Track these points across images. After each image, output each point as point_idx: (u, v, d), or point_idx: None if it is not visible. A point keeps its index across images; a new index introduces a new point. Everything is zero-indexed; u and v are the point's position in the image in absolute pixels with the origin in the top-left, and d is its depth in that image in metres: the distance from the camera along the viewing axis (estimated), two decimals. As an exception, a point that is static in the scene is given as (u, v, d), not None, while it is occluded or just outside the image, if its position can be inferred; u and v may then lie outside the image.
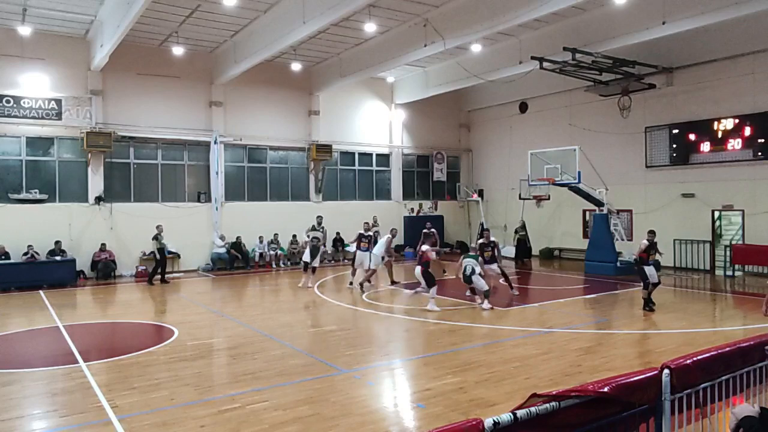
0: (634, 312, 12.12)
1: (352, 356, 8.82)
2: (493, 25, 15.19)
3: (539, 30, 18.17)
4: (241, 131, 21.36)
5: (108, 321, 12.49)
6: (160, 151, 20.30)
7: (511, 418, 2.75)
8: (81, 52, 18.46)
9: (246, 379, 7.64)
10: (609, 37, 16.40)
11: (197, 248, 20.50)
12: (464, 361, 8.47)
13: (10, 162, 17.84)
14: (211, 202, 20.80)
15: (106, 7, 15.80)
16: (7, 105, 17.37)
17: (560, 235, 23.14)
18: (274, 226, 21.59)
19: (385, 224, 24.69)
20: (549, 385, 7.03)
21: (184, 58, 19.31)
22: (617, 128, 20.30)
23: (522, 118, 24.85)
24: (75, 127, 18.34)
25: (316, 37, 18.68)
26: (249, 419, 6.20)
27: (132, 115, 19.33)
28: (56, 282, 16.74)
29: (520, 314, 12.23)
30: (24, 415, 6.66)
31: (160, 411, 6.48)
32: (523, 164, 20.34)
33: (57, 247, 17.51)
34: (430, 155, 26.66)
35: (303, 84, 22.67)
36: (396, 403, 6.94)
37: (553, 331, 10.25)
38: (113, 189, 19.25)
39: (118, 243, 19.00)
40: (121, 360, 8.81)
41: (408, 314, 12.15)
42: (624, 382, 3.25)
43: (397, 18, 17.15)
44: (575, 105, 22.15)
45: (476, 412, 6.20)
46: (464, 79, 21.50)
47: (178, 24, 17.38)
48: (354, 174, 24.74)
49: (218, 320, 11.84)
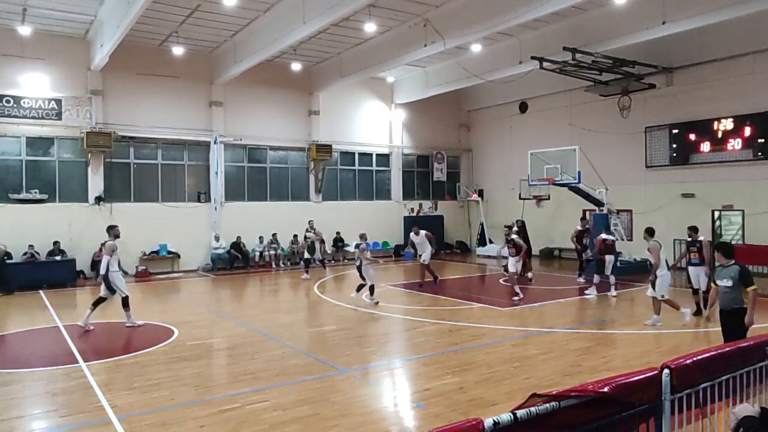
0: (634, 312, 12.13)
1: (352, 356, 8.82)
2: (493, 25, 15.19)
3: (539, 30, 18.17)
4: (241, 131, 21.36)
5: (108, 321, 12.49)
6: (160, 151, 20.30)
7: (511, 418, 2.75)
8: (81, 52, 18.46)
9: (246, 379, 7.64)
10: (609, 37, 16.41)
11: (197, 248, 20.51)
12: (464, 361, 8.47)
13: (10, 162, 17.84)
14: (211, 202, 20.80)
15: (106, 7, 15.80)
16: (7, 105, 17.36)
17: (560, 235, 23.13)
18: (273, 226, 21.58)
19: (385, 225, 24.75)
20: (549, 385, 7.03)
21: (184, 58, 19.30)
22: (617, 128, 20.30)
23: (522, 118, 24.85)
24: (75, 127, 18.34)
25: (316, 37, 18.68)
26: (249, 419, 6.20)
27: (132, 115, 19.32)
28: (56, 282, 16.73)
29: (520, 314, 12.22)
30: (24, 415, 6.66)
31: (159, 411, 6.48)
32: (523, 164, 20.34)
33: (56, 248, 17.51)
34: (430, 155, 26.66)
35: (303, 84, 22.67)
36: (396, 403, 6.94)
37: (553, 331, 10.25)
38: (113, 189, 19.24)
39: (118, 243, 18.91)
40: (121, 360, 8.81)
41: (408, 314, 12.15)
42: (624, 382, 3.25)
43: (397, 18, 17.15)
44: (575, 105, 22.15)
45: (476, 412, 6.20)
46: (464, 79, 21.51)
47: (178, 24, 17.37)
48: (354, 174, 24.73)
49: (218, 320, 11.84)
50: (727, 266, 6.94)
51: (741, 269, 6.80)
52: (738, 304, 6.78)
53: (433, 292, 14.71)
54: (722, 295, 6.95)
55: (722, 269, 6.98)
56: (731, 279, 6.78)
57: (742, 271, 6.78)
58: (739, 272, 6.77)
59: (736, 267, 6.86)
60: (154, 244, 19.66)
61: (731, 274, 6.81)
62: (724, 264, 6.98)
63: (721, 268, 7.01)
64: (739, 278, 6.74)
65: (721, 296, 6.96)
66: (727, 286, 6.84)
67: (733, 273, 6.82)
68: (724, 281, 6.87)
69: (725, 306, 6.94)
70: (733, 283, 6.76)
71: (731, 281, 6.77)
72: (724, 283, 6.86)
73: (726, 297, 6.90)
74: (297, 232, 22.01)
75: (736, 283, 6.74)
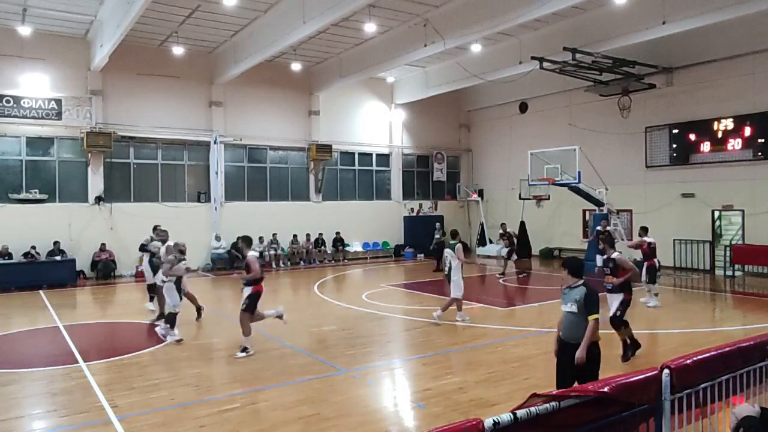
0: (635, 312, 12.11)
1: (353, 356, 8.82)
2: (493, 25, 15.18)
3: (539, 30, 18.17)
4: (241, 131, 21.36)
5: (108, 321, 12.49)
6: (160, 151, 20.30)
7: (511, 418, 2.75)
8: (81, 52, 18.46)
9: (246, 379, 7.64)
10: (609, 37, 16.40)
11: (197, 248, 20.45)
12: (464, 361, 8.47)
13: (10, 162, 17.84)
14: (211, 202, 20.79)
15: (106, 7, 15.80)
16: (7, 105, 17.36)
17: (560, 235, 23.15)
18: (274, 227, 21.58)
19: (385, 225, 24.75)
20: (549, 385, 7.00)
21: (184, 58, 19.30)
22: (617, 128, 20.31)
23: (522, 118, 24.85)
24: (75, 127, 18.33)
25: (316, 37, 18.67)
26: (249, 419, 6.20)
27: (132, 115, 19.32)
28: (56, 282, 16.72)
29: (519, 314, 12.22)
30: (24, 415, 6.66)
31: (160, 411, 6.48)
32: (523, 164, 20.35)
33: (56, 248, 17.52)
34: (430, 155, 26.66)
35: (303, 84, 22.67)
36: (396, 403, 6.94)
37: (553, 331, 10.20)
38: (113, 189, 19.24)
39: (118, 243, 18.99)
40: (120, 360, 8.81)
41: (408, 314, 12.15)
42: (624, 382, 3.25)
43: (397, 18, 17.15)
44: (575, 105, 22.16)
45: (476, 412, 6.20)
46: (464, 79, 21.50)
47: (178, 24, 17.37)
48: (354, 174, 24.73)
49: (218, 320, 11.84)
50: (574, 287, 5.60)
51: (588, 291, 5.47)
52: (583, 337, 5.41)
53: (435, 292, 14.70)
54: (565, 324, 5.59)
55: (568, 291, 5.65)
56: (576, 303, 5.48)
57: (588, 295, 5.44)
58: (585, 295, 5.44)
59: (583, 289, 5.53)
60: (154, 244, 19.63)
61: (576, 296, 5.50)
62: (571, 284, 5.65)
63: (567, 290, 5.67)
64: (584, 303, 5.43)
65: (564, 325, 5.60)
66: (571, 312, 5.52)
67: (578, 296, 5.50)
68: (568, 305, 5.54)
69: (567, 337, 5.53)
70: (578, 309, 5.46)
71: (576, 306, 5.47)
72: (568, 308, 5.54)
73: (569, 326, 5.54)
74: (297, 232, 22.03)
75: (581, 309, 5.44)
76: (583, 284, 5.57)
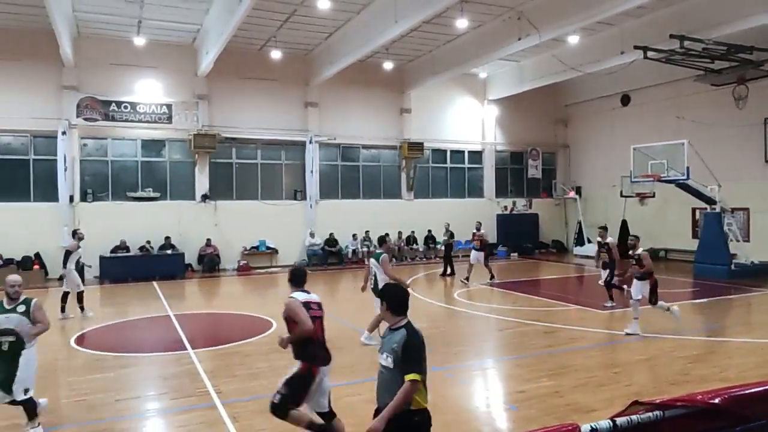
0: (752, 319, 11.18)
1: (445, 355, 8.76)
2: (591, 15, 14.53)
3: (642, 17, 17.14)
4: (334, 131, 21.90)
5: (212, 311, 13.28)
6: (259, 151, 21.29)
7: (610, 425, 2.63)
8: (188, 59, 19.73)
9: (343, 372, 7.77)
10: (721, 21, 15.13)
11: (293, 244, 21.29)
12: (560, 364, 8.19)
13: (128, 163, 19.46)
14: (306, 199, 21.50)
15: (211, 16, 16.77)
16: (125, 111, 18.92)
17: (666, 235, 21.77)
18: (366, 224, 21.95)
19: (455, 223, 24.40)
20: (652, 393, 6.64)
21: (281, 61, 20.04)
22: (731, 120, 18.78)
23: (624, 111, 23.62)
24: (183, 130, 19.67)
25: (408, 36, 18.75)
26: (344, 412, 6.34)
27: (234, 117, 20.40)
28: (167, 274, 17.99)
29: (621, 318, 11.64)
30: (141, 396, 7.26)
31: (259, 399, 6.79)
32: (625, 160, 19.30)
33: (167, 242, 18.89)
34: (525, 152, 26.00)
35: (395, 82, 22.86)
36: (488, 403, 6.85)
37: (658, 337, 9.66)
38: (217, 187, 20.42)
39: (221, 238, 20.13)
40: (224, 348, 9.34)
41: (501, 314, 11.94)
42: (738, 394, 3.01)
43: (490, 12, 16.85)
44: (683, 96, 20.73)
45: (572, 417, 5.98)
46: (561, 73, 20.73)
47: (275, 29, 18.10)
48: (446, 171, 24.63)
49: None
50: (394, 329, 3.92)
51: (407, 339, 3.78)
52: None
53: (531, 293, 14.34)
54: (378, 383, 3.99)
55: (389, 335, 3.94)
56: (392, 354, 3.80)
57: (407, 344, 3.77)
58: (403, 345, 3.76)
59: (403, 332, 3.84)
60: (254, 239, 20.66)
61: (394, 344, 3.80)
62: (392, 325, 3.96)
63: (388, 333, 3.97)
64: (400, 355, 3.75)
65: (377, 383, 3.99)
66: (386, 367, 3.87)
67: (396, 344, 3.79)
68: (383, 357, 3.88)
69: (381, 403, 3.88)
70: (393, 363, 3.79)
71: (391, 358, 3.80)
72: (383, 360, 3.88)
73: (382, 386, 3.93)
74: (389, 230, 22.25)
75: (397, 362, 3.77)
76: (405, 326, 3.88)
